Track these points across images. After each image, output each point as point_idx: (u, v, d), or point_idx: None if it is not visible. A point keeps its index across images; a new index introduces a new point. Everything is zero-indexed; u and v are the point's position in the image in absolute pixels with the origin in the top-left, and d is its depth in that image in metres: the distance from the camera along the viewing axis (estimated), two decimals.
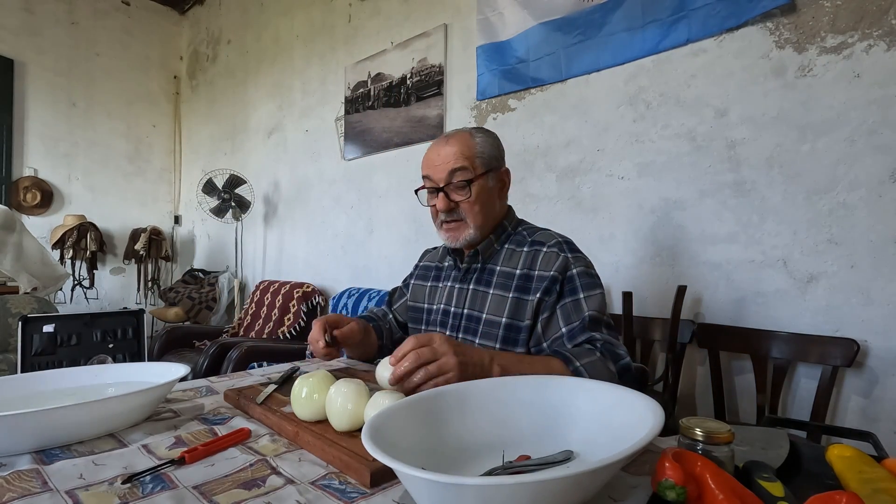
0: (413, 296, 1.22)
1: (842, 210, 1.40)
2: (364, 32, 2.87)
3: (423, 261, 1.26)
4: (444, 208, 1.01)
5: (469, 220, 1.02)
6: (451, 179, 1.00)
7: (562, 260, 0.98)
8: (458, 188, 1.00)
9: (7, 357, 2.42)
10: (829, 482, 0.54)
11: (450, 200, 1.01)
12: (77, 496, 0.52)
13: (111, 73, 4.24)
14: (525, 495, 0.41)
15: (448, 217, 1.03)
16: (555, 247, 1.00)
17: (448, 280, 1.13)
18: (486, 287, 1.04)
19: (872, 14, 1.36)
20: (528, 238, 1.05)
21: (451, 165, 1.00)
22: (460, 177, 1.00)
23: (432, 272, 1.20)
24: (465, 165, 1.00)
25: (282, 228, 3.50)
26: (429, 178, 1.04)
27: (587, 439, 0.58)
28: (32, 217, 3.81)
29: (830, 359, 1.38)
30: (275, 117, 3.55)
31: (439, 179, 1.01)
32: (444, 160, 1.01)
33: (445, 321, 1.09)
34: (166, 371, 0.84)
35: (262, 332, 2.95)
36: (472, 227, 1.02)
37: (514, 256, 1.04)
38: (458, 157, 1.00)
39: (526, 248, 1.03)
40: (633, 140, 1.81)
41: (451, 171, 1.00)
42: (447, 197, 1.01)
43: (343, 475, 0.58)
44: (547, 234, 1.05)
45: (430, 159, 1.04)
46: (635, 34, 1.76)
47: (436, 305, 1.14)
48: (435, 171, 1.02)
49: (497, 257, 1.06)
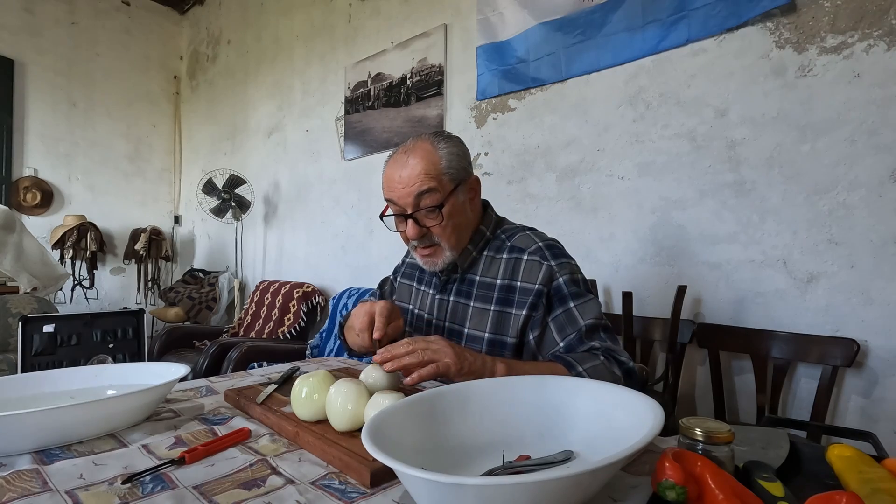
0: (399, 294, 1.17)
1: (842, 210, 1.40)
2: (364, 32, 2.87)
3: (410, 257, 1.18)
4: (415, 236, 0.92)
5: (444, 244, 0.94)
6: (418, 204, 0.89)
7: (545, 270, 0.91)
8: (428, 213, 0.90)
9: (7, 357, 2.42)
10: (829, 482, 0.54)
11: (420, 226, 0.91)
12: (77, 496, 0.52)
13: (111, 73, 4.24)
14: (525, 495, 0.41)
15: (421, 244, 0.94)
16: (536, 254, 0.93)
17: (429, 287, 1.07)
18: (466, 299, 0.98)
19: (872, 14, 1.36)
20: (506, 243, 0.98)
21: (417, 188, 0.89)
22: (429, 201, 0.89)
23: (416, 272, 1.14)
24: (433, 186, 0.89)
25: (282, 228, 3.50)
26: (392, 202, 0.93)
27: (587, 439, 0.58)
28: (32, 217, 3.81)
29: (830, 359, 1.38)
30: (275, 117, 3.55)
31: (406, 205, 0.90)
32: (409, 182, 0.89)
33: (429, 332, 1.04)
34: (166, 371, 0.84)
35: (262, 332, 2.95)
36: (447, 249, 0.94)
37: (494, 265, 0.97)
38: (423, 178, 0.89)
39: (505, 254, 0.97)
40: (633, 140, 1.81)
41: (417, 196, 0.89)
42: (417, 223, 0.91)
43: (343, 475, 0.58)
44: (526, 238, 0.97)
45: (391, 180, 0.92)
46: (635, 34, 1.76)
47: (417, 310, 1.09)
48: (399, 196, 0.90)
49: (476, 266, 0.99)
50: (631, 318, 1.65)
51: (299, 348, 2.59)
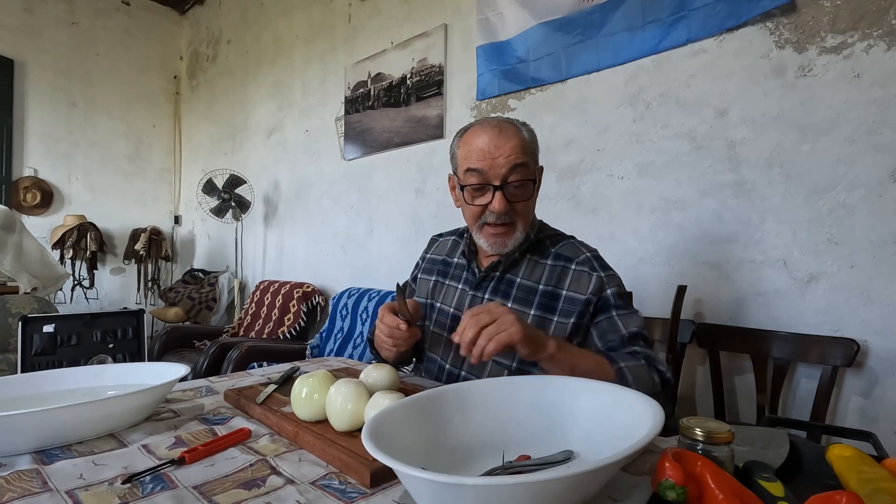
0: (418, 290, 1.13)
1: (842, 210, 1.40)
2: (364, 32, 2.87)
3: (431, 252, 1.16)
4: (503, 209, 0.88)
5: (520, 224, 0.92)
6: (510, 176, 0.88)
7: (595, 280, 0.91)
8: (517, 187, 0.89)
9: (7, 357, 2.42)
10: (829, 482, 0.54)
11: (507, 200, 0.89)
12: (77, 496, 0.52)
13: (111, 73, 4.24)
14: (525, 495, 0.41)
15: (498, 219, 0.90)
16: (585, 265, 0.93)
17: (458, 281, 1.04)
18: (503, 299, 0.95)
19: (872, 14, 1.36)
20: (550, 249, 0.97)
21: (514, 160, 0.87)
22: (522, 174, 0.88)
23: (438, 266, 1.11)
24: (527, 161, 0.89)
25: (282, 228, 3.50)
26: (481, 172, 0.89)
27: (587, 439, 0.58)
28: (32, 217, 3.81)
29: (830, 359, 1.38)
30: (275, 117, 3.55)
31: (497, 176, 0.87)
32: (505, 153, 0.87)
33: (454, 327, 1.02)
34: (166, 371, 0.84)
35: (262, 332, 2.95)
36: (520, 230, 0.92)
37: (537, 269, 0.96)
38: (518, 152, 0.88)
39: (550, 261, 0.95)
40: (633, 140, 1.81)
41: (512, 167, 0.87)
42: (505, 196, 0.89)
43: (343, 475, 0.58)
44: (572, 247, 0.97)
45: (482, 151, 0.89)
46: (635, 34, 1.76)
47: (439, 304, 1.05)
48: (492, 166, 0.87)
49: (518, 268, 0.97)
50: None
51: (299, 348, 2.59)
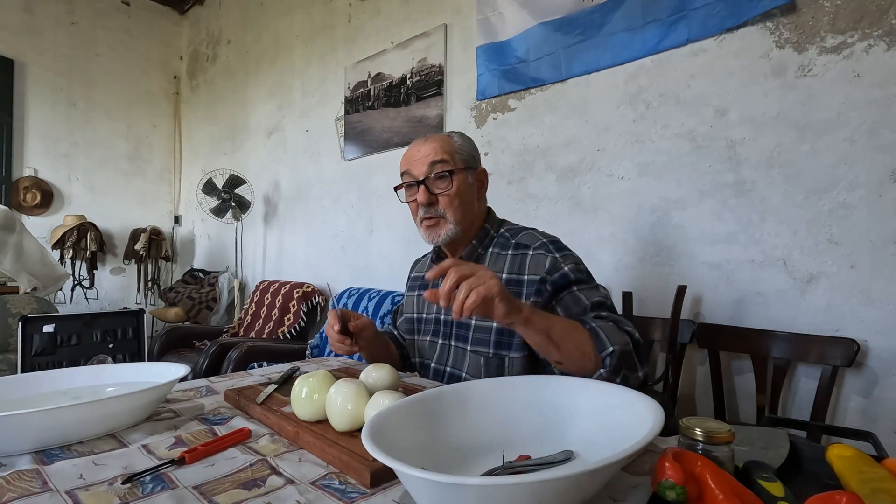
0: (406, 308, 1.22)
1: (842, 210, 1.40)
2: (364, 32, 2.87)
3: (413, 272, 1.27)
4: (424, 201, 1.00)
5: (448, 215, 1.01)
6: (430, 172, 1.00)
7: (550, 260, 0.96)
8: (439, 179, 1.00)
9: (7, 357, 2.42)
10: (829, 482, 0.54)
11: (430, 193, 1.00)
12: (77, 496, 0.52)
13: (111, 73, 4.24)
14: (525, 495, 0.41)
15: (426, 213, 1.02)
16: (541, 249, 0.98)
17: (435, 288, 1.12)
18: None
19: (872, 14, 1.36)
20: (511, 240, 1.03)
21: (431, 158, 1.00)
22: (440, 168, 1.00)
23: (419, 282, 1.21)
24: (446, 158, 1.00)
25: (282, 228, 3.50)
26: (408, 173, 1.03)
27: (587, 439, 0.58)
28: (32, 217, 3.81)
29: (830, 359, 1.38)
30: (275, 117, 3.55)
31: (419, 173, 1.01)
32: (425, 153, 1.01)
33: (438, 330, 1.10)
34: (166, 371, 0.84)
35: (262, 332, 2.95)
36: (451, 222, 1.01)
37: (499, 260, 1.02)
38: (437, 151, 1.01)
39: (511, 251, 1.02)
40: (633, 140, 1.81)
41: (431, 164, 1.00)
42: (428, 189, 1.00)
43: (343, 475, 0.58)
44: (530, 236, 1.03)
45: (409, 156, 1.04)
46: (635, 34, 1.76)
47: (425, 315, 1.15)
48: (414, 166, 1.02)
49: (482, 262, 1.04)
50: (631, 318, 1.65)
51: (299, 348, 2.59)
